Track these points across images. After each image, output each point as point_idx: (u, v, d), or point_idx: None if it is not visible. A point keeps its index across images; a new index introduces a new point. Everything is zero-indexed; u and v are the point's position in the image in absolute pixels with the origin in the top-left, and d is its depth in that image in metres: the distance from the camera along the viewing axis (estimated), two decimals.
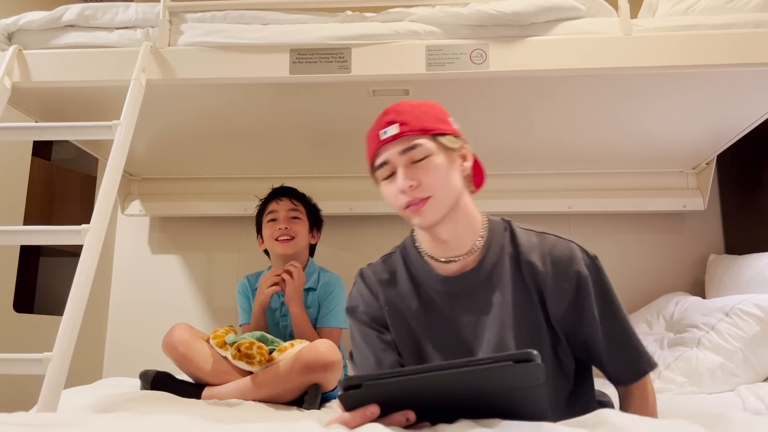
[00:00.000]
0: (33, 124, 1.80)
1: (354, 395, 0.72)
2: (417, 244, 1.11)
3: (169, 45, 1.61)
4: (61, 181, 2.57)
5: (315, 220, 2.03)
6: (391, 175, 1.02)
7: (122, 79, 1.54)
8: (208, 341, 1.67)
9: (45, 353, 1.17)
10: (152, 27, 1.62)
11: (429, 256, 1.08)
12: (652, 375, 1.67)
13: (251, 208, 2.11)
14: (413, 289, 1.08)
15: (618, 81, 1.62)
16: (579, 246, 1.05)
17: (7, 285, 2.10)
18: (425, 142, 1.00)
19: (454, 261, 1.05)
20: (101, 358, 2.54)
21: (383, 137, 1.01)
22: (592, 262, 1.03)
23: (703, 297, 2.11)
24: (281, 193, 1.98)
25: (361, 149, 2.16)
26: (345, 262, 2.46)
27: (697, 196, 2.35)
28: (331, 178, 2.45)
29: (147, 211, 2.51)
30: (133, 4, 1.66)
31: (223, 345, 1.63)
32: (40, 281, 2.74)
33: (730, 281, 2.05)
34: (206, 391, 1.59)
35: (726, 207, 2.44)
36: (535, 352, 0.70)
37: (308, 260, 1.98)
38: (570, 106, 1.79)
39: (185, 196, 2.51)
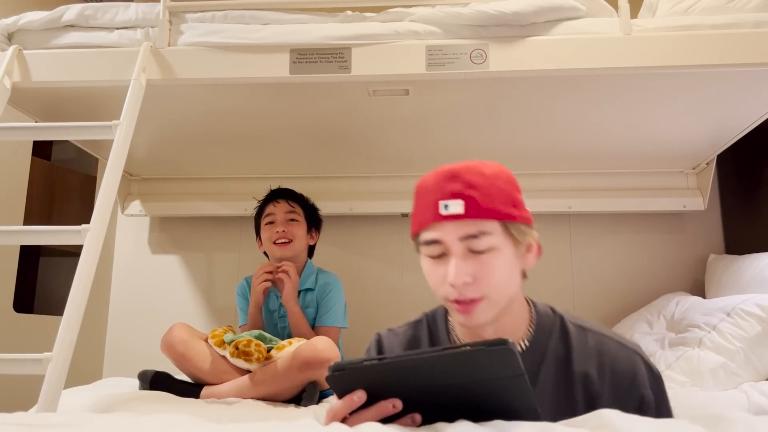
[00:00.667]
0: (33, 124, 1.80)
1: (340, 378, 0.73)
2: (449, 324, 0.96)
3: (169, 45, 1.61)
4: (61, 181, 2.57)
5: (313, 220, 2.01)
6: (441, 256, 0.84)
7: (122, 79, 1.54)
8: (206, 341, 1.68)
9: (45, 353, 1.17)
10: (152, 27, 1.62)
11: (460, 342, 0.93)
12: None
13: (251, 208, 2.11)
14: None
15: (618, 81, 1.62)
16: (643, 359, 0.87)
17: (7, 285, 2.10)
18: (493, 231, 0.82)
19: None
20: (101, 358, 2.54)
21: (443, 212, 0.82)
22: (657, 382, 0.86)
23: (703, 297, 2.10)
24: (278, 195, 1.97)
25: (361, 149, 2.19)
26: (344, 262, 2.46)
27: (697, 196, 2.35)
28: (331, 178, 2.45)
29: (147, 211, 2.51)
30: (133, 4, 1.66)
31: (222, 344, 1.63)
32: (40, 281, 2.74)
33: (730, 281, 2.05)
34: (205, 391, 1.59)
35: (726, 207, 2.44)
36: (510, 339, 0.67)
37: (307, 261, 1.98)
38: (570, 106, 1.79)
39: (185, 196, 2.51)
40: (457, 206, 0.81)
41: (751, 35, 1.48)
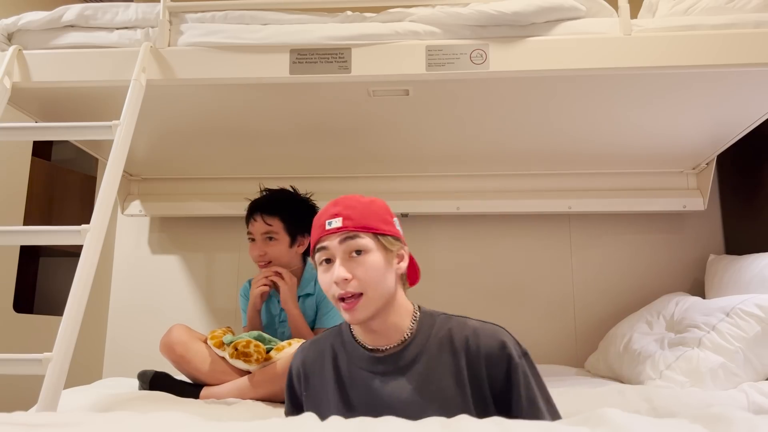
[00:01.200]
0: (33, 124, 1.80)
1: None
2: (354, 332, 1.14)
3: (169, 45, 1.61)
4: (61, 181, 2.57)
5: (299, 227, 1.86)
6: (329, 261, 1.06)
7: (122, 79, 1.54)
8: (205, 342, 1.67)
9: (45, 353, 1.17)
10: (152, 27, 1.62)
11: (360, 342, 1.11)
12: (652, 374, 1.68)
13: None
14: (334, 366, 1.12)
15: (618, 81, 1.62)
16: (508, 333, 1.06)
17: (7, 285, 2.10)
18: (365, 239, 1.04)
19: (382, 350, 1.08)
20: (101, 358, 2.54)
21: (327, 228, 1.05)
22: (523, 352, 1.04)
23: (703, 297, 2.10)
24: (256, 209, 1.85)
25: (360, 149, 2.18)
26: None
27: (697, 196, 2.35)
28: (331, 178, 2.45)
29: (147, 211, 2.51)
30: (133, 4, 1.66)
31: (221, 345, 1.63)
32: (40, 281, 2.74)
33: (730, 281, 2.05)
34: (204, 391, 1.59)
35: (726, 207, 2.44)
36: None
37: (306, 265, 1.96)
38: (570, 106, 1.79)
39: (185, 196, 2.51)
40: (337, 221, 1.05)
41: (751, 35, 1.48)
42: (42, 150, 2.60)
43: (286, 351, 1.58)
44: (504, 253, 2.52)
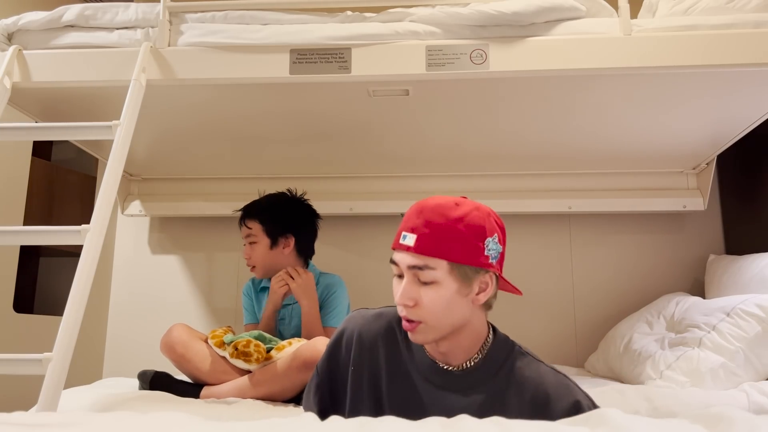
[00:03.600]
0: (33, 124, 1.80)
1: None
2: None
3: (169, 45, 1.61)
4: (61, 181, 2.57)
5: (279, 227, 1.89)
6: (401, 276, 0.97)
7: (122, 79, 1.54)
8: (206, 341, 1.67)
9: (45, 353, 1.17)
10: (152, 27, 1.62)
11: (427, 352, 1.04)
12: (652, 374, 1.68)
13: None
14: (389, 363, 1.04)
15: (618, 81, 1.62)
16: (582, 392, 0.96)
17: (7, 285, 2.10)
18: (437, 267, 0.93)
19: (446, 367, 1.01)
20: (101, 358, 2.54)
21: (401, 242, 0.95)
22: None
23: (703, 297, 2.10)
24: (243, 215, 1.95)
25: (360, 149, 2.18)
26: (345, 262, 2.46)
27: (697, 196, 2.35)
28: (331, 178, 2.45)
29: (147, 211, 2.50)
30: (133, 4, 1.66)
31: (222, 345, 1.63)
32: (40, 281, 2.74)
33: (730, 281, 2.05)
34: (205, 391, 1.59)
35: (726, 207, 2.44)
36: None
37: (308, 264, 1.96)
38: (570, 106, 1.79)
39: (185, 196, 2.51)
40: (410, 240, 0.94)
41: (751, 35, 1.48)
42: (42, 150, 2.60)
43: (287, 350, 1.58)
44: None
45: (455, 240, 0.93)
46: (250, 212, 1.93)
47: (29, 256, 2.56)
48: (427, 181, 2.45)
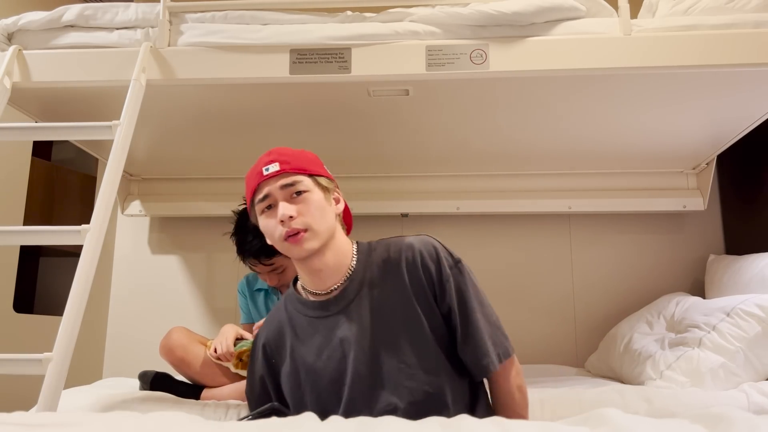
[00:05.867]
0: (33, 124, 1.80)
1: None
2: (298, 284, 1.21)
3: (169, 45, 1.61)
4: (61, 181, 2.57)
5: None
6: (271, 207, 1.11)
7: (122, 79, 1.54)
8: (206, 346, 1.66)
9: (45, 353, 1.17)
10: (152, 27, 1.62)
11: (307, 290, 1.17)
12: (653, 374, 1.68)
13: None
14: (291, 326, 1.18)
15: (618, 81, 1.62)
16: (437, 241, 1.17)
17: (7, 285, 2.10)
18: (304, 179, 1.11)
19: (328, 293, 1.14)
20: (101, 358, 2.54)
21: (265, 173, 1.10)
22: (452, 256, 1.17)
23: (703, 297, 2.10)
24: (250, 257, 1.68)
25: (360, 149, 2.18)
26: None
27: (697, 196, 2.35)
28: None
29: (147, 211, 2.50)
30: (133, 4, 1.66)
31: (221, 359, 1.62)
32: (40, 281, 2.74)
33: (730, 281, 2.05)
34: (205, 392, 1.59)
35: (726, 207, 2.44)
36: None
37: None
38: (570, 106, 1.79)
39: (185, 196, 2.50)
40: (274, 166, 1.11)
41: (751, 35, 1.48)
42: (42, 150, 2.60)
43: None
44: (504, 253, 2.52)
45: (308, 161, 1.15)
46: (265, 252, 1.65)
47: (29, 256, 2.56)
48: (427, 181, 2.45)
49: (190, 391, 1.60)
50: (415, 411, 1.03)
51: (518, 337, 1.06)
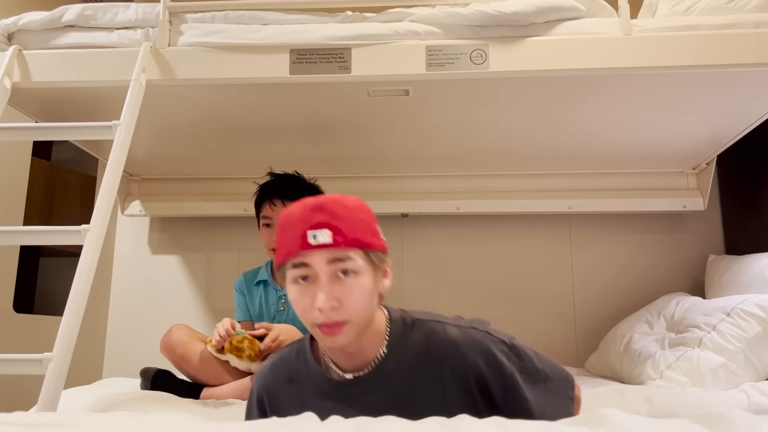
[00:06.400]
0: (33, 124, 1.80)
1: None
2: (320, 349, 1.02)
3: (169, 45, 1.61)
4: (61, 181, 2.57)
5: None
6: (307, 278, 0.90)
7: (122, 79, 1.54)
8: (206, 343, 1.67)
9: (45, 353, 1.17)
10: (152, 27, 1.62)
11: (329, 360, 0.99)
12: (653, 374, 1.68)
13: (251, 208, 2.10)
14: (298, 394, 1.00)
15: (618, 81, 1.62)
16: (492, 337, 0.97)
17: (7, 285, 2.10)
18: (356, 257, 0.89)
19: (354, 375, 0.97)
20: (101, 358, 2.54)
21: (312, 242, 0.88)
22: (511, 349, 0.98)
23: (703, 297, 2.10)
24: (276, 193, 1.79)
25: (360, 149, 2.18)
26: None
27: (697, 197, 2.35)
28: (331, 178, 2.44)
29: (147, 211, 2.51)
30: (133, 4, 1.66)
31: (221, 351, 1.62)
32: (40, 281, 2.74)
33: (730, 281, 2.05)
34: (205, 392, 1.59)
35: (726, 207, 2.44)
36: None
37: None
38: (570, 106, 1.79)
39: (185, 196, 2.51)
40: (325, 236, 0.88)
41: (751, 35, 1.48)
42: (42, 150, 2.60)
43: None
44: (504, 253, 2.52)
45: (363, 226, 0.92)
46: (293, 195, 1.71)
47: (29, 256, 2.56)
48: (427, 181, 2.45)
49: (191, 389, 1.60)
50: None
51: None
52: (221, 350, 1.62)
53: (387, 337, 0.97)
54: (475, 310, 2.40)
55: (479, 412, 0.92)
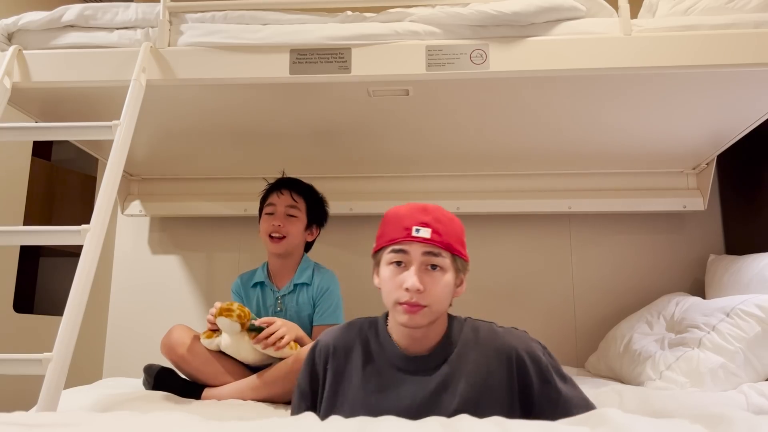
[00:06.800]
0: (33, 124, 1.80)
1: None
2: (388, 329, 1.15)
3: (169, 45, 1.61)
4: (61, 181, 2.57)
5: (316, 216, 1.95)
6: (400, 264, 1.07)
7: (122, 79, 1.54)
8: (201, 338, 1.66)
9: (45, 353, 1.17)
10: (152, 27, 1.62)
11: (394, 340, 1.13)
12: (652, 374, 1.68)
13: (251, 208, 2.11)
14: (364, 354, 1.14)
15: (618, 81, 1.62)
16: (531, 339, 1.12)
17: (7, 285, 2.10)
18: (446, 258, 1.07)
19: (413, 353, 1.11)
20: (101, 358, 2.54)
21: (415, 234, 1.06)
22: (545, 351, 1.11)
23: (703, 297, 2.10)
24: (284, 185, 1.91)
25: (360, 149, 2.18)
26: (344, 261, 2.46)
27: (697, 196, 2.35)
28: (332, 178, 2.45)
29: (147, 211, 2.51)
30: (133, 4, 1.66)
31: (211, 336, 1.61)
32: (40, 281, 2.74)
33: (730, 281, 2.05)
34: (206, 392, 1.59)
35: (726, 207, 2.44)
36: None
37: (303, 256, 1.96)
38: (570, 107, 1.79)
39: (185, 196, 2.51)
40: (426, 232, 1.06)
41: (751, 35, 1.48)
42: (42, 150, 2.60)
43: (291, 353, 1.57)
44: (504, 253, 2.52)
45: (456, 236, 1.10)
46: (298, 187, 1.91)
47: (29, 256, 2.56)
48: (427, 181, 2.45)
49: (193, 389, 1.60)
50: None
51: None
52: (210, 336, 1.60)
53: (446, 330, 1.12)
54: (475, 309, 2.38)
55: (512, 394, 1.05)
